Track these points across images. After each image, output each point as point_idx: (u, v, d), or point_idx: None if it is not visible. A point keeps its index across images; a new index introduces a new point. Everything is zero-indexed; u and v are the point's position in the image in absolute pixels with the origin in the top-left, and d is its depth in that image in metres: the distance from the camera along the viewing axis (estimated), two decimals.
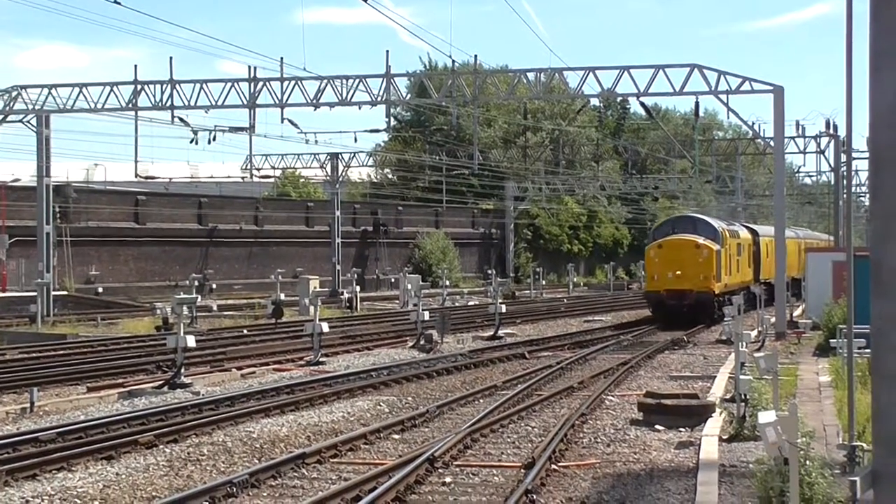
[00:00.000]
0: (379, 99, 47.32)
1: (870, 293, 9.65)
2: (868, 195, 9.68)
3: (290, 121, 51.11)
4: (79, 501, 15.48)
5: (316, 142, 66.50)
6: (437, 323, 39.95)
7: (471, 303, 65.68)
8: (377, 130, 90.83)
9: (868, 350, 10.02)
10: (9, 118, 50.27)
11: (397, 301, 64.00)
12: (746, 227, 59.72)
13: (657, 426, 20.99)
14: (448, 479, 16.88)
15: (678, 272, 46.50)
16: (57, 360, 33.47)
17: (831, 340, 31.39)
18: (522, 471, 17.05)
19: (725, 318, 37.87)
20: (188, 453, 18.88)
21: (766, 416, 9.59)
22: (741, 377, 19.80)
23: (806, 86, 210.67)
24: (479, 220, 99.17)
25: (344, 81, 46.81)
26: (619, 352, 36.41)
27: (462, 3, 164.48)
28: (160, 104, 47.80)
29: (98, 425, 21.36)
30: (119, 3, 35.45)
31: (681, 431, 20.44)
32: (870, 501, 9.95)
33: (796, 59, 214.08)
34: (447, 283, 64.62)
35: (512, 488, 15.75)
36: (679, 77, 44.36)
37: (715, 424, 20.21)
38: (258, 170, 77.20)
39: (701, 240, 47.80)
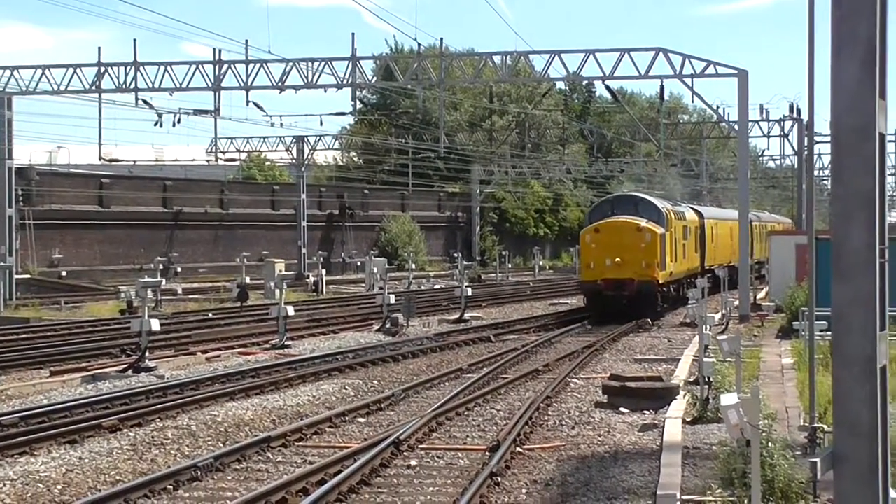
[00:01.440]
0: (345, 82, 47.21)
1: (831, 276, 9.72)
2: (830, 178, 9.66)
3: (255, 104, 50.89)
4: (42, 486, 15.41)
5: (281, 125, 66.45)
6: (403, 306, 39.95)
7: (437, 286, 65.69)
8: (343, 113, 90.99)
9: (829, 332, 10.09)
10: None
11: (363, 285, 63.95)
12: (693, 209, 54.54)
13: (621, 409, 21.07)
14: (413, 463, 16.91)
15: (617, 259, 41.18)
16: (19, 344, 33.28)
17: (794, 323, 31.61)
18: (487, 453, 17.09)
19: (690, 301, 37.63)
20: (152, 437, 18.83)
21: (728, 399, 9.63)
22: (705, 360, 19.89)
23: (770, 70, 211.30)
24: (445, 204, 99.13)
25: (309, 64, 46.70)
26: (585, 335, 36.51)
27: None
28: (124, 87, 47.53)
29: (61, 409, 21.27)
30: None
31: (645, 414, 20.53)
32: (830, 482, 10.03)
33: (761, 43, 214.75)
34: (413, 266, 64.61)
35: (477, 471, 15.79)
36: (644, 61, 44.49)
37: (678, 407, 20.30)
38: (223, 153, 76.92)
39: (643, 222, 42.50)
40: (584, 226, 45.39)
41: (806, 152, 51.52)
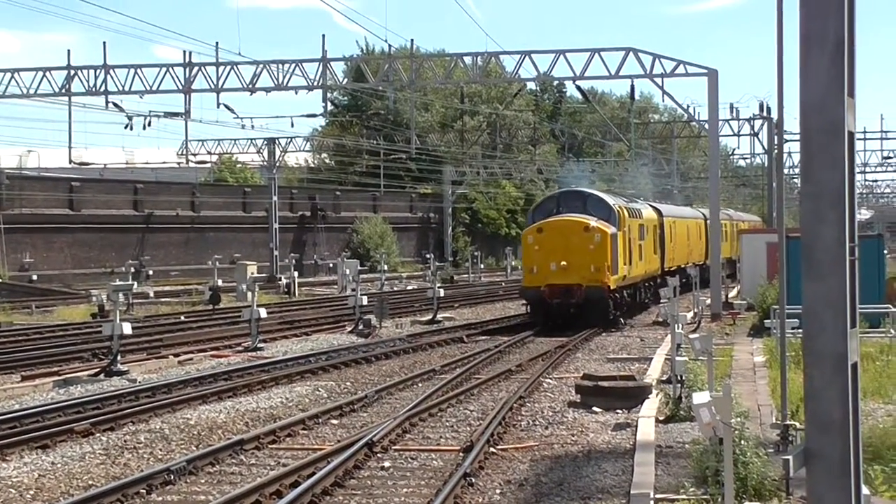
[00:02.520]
0: (315, 83, 47.19)
1: (801, 274, 9.77)
2: (800, 177, 9.71)
3: (226, 106, 50.79)
4: (14, 491, 15.35)
5: (252, 127, 66.22)
6: (376, 308, 39.96)
7: (409, 287, 65.68)
8: (314, 115, 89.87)
9: (801, 330, 10.13)
10: None
11: (335, 286, 63.91)
12: (651, 206, 50.87)
13: (595, 408, 21.12)
14: (387, 464, 16.91)
15: (563, 263, 37.29)
16: None
17: (766, 321, 31.73)
18: (461, 454, 17.11)
19: (662, 300, 36.50)
20: (125, 441, 18.79)
21: (700, 397, 9.67)
22: (677, 358, 19.96)
23: (740, 69, 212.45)
24: (417, 205, 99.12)
25: (280, 66, 46.66)
26: (557, 335, 36.54)
27: None
28: (94, 90, 47.37)
29: (32, 414, 21.20)
30: None
31: (618, 413, 20.58)
32: (802, 479, 10.08)
33: (730, 43, 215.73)
34: (385, 267, 64.51)
35: (450, 472, 15.81)
36: (614, 61, 44.59)
37: (651, 406, 20.37)
38: (194, 155, 76.79)
39: (592, 221, 38.42)
40: (527, 225, 41.17)
41: (776, 151, 51.74)
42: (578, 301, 37.15)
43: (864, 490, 10.00)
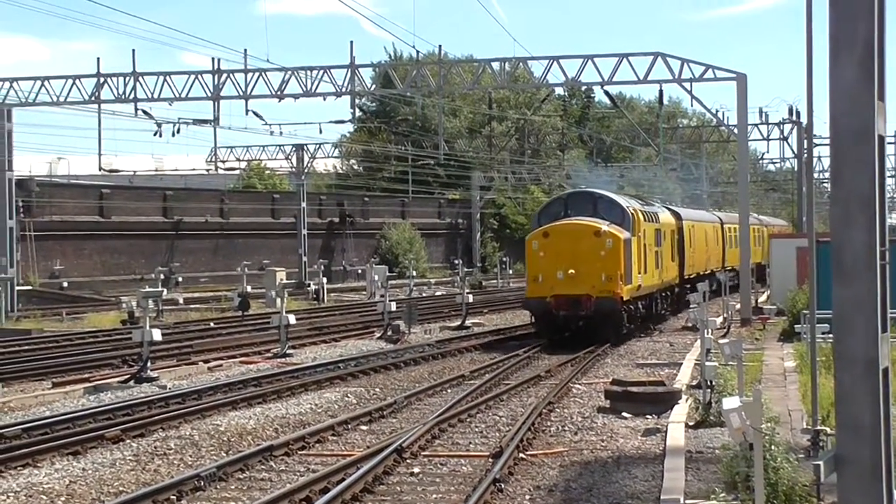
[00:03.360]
0: (343, 90, 47.27)
1: (832, 279, 9.73)
2: (830, 181, 9.67)
3: (254, 112, 50.98)
4: (45, 497, 15.41)
5: (281, 133, 66.17)
6: (405, 313, 39.98)
7: (438, 293, 65.70)
8: (342, 121, 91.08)
9: (831, 335, 10.09)
10: None
11: (364, 292, 63.97)
12: (668, 209, 47.09)
13: (624, 413, 21.07)
14: (416, 470, 16.91)
15: (571, 271, 33.63)
16: (21, 356, 33.28)
17: (796, 326, 31.59)
18: (490, 460, 17.10)
19: (691, 305, 36.68)
20: (155, 447, 18.82)
21: (730, 402, 9.64)
22: (707, 364, 19.91)
23: (769, 73, 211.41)
24: (445, 211, 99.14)
25: (308, 72, 46.74)
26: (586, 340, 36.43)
27: None
28: (123, 97, 47.61)
29: (64, 420, 21.27)
30: None
31: (648, 418, 20.53)
32: (833, 485, 10.04)
33: (759, 47, 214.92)
34: (414, 273, 64.55)
35: (480, 478, 15.79)
36: (643, 65, 44.52)
37: (681, 411, 20.30)
38: (223, 162, 76.89)
39: (604, 225, 34.64)
40: (532, 229, 36.94)
41: (805, 155, 51.59)
42: (588, 313, 33.55)
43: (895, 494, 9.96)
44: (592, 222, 34.90)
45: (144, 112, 49.51)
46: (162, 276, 55.72)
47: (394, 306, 40.20)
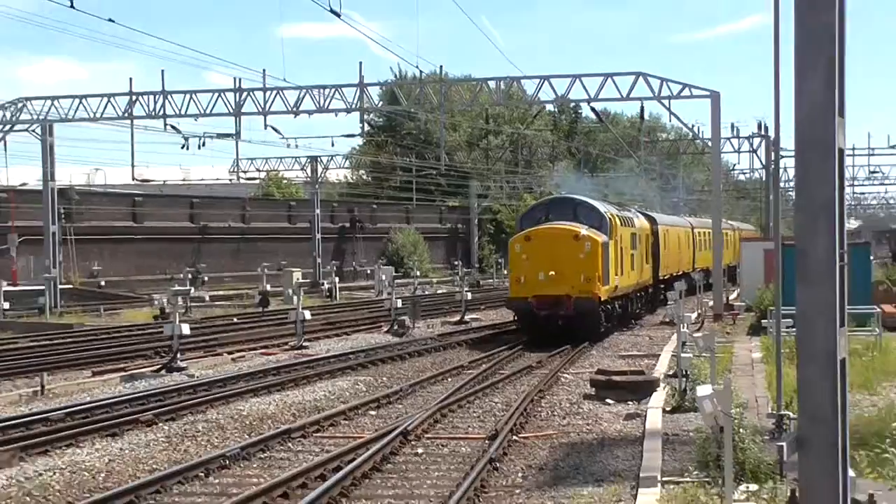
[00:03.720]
0: (353, 106, 47.27)
1: (795, 278, 9.79)
2: (794, 190, 9.70)
3: (272, 127, 50.87)
4: (87, 474, 15.48)
5: (297, 146, 66.67)
6: (409, 310, 40.03)
7: (439, 291, 65.64)
8: (352, 135, 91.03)
9: (795, 329, 10.15)
10: (16, 127, 49.97)
11: (373, 290, 63.92)
12: (644, 214, 45.57)
13: (608, 400, 21.14)
14: (420, 451, 16.98)
15: (552, 273, 32.53)
16: (64, 348, 33.34)
17: (763, 321, 31.61)
18: (487, 442, 17.16)
19: (669, 302, 34.85)
20: (185, 430, 18.89)
21: (703, 390, 9.71)
22: (682, 355, 19.98)
23: (740, 91, 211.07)
24: (446, 217, 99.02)
25: (321, 91, 46.75)
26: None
27: (427, 18, 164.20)
28: (154, 113, 47.61)
29: (103, 406, 21.36)
30: (113, 21, 35.50)
31: (629, 404, 20.59)
32: (795, 464, 10.10)
33: (732, 67, 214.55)
34: (418, 273, 64.45)
35: (477, 457, 15.86)
36: (626, 84, 44.49)
37: (659, 398, 20.36)
38: (244, 172, 76.98)
39: (583, 229, 33.56)
40: (515, 232, 35.85)
41: (773, 166, 51.57)
42: (568, 313, 32.26)
43: (850, 473, 10.01)
44: (572, 226, 33.81)
45: (173, 127, 49.52)
46: (189, 276, 55.85)
47: (399, 303, 40.21)
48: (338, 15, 27.31)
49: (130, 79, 48.43)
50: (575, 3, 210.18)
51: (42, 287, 51.31)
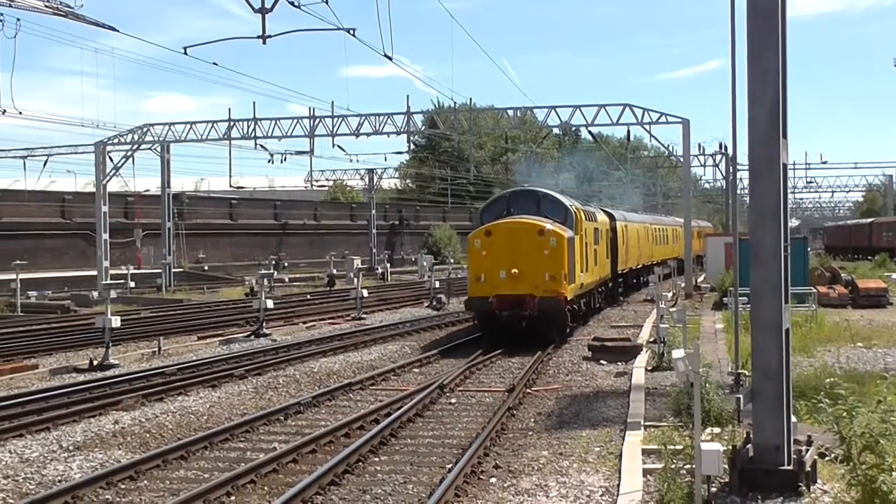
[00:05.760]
0: (402, 130, 47.24)
1: (750, 265, 9.73)
2: (748, 196, 9.62)
3: (339, 146, 51.59)
4: (193, 416, 15.59)
5: (357, 160, 67.13)
6: (445, 289, 39.97)
7: None
8: (401, 152, 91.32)
9: (749, 305, 10.09)
10: (141, 147, 50.36)
11: (416, 274, 63.97)
12: (603, 211, 36.65)
13: (602, 361, 21.05)
14: (453, 400, 16.98)
15: (514, 271, 24.26)
16: (176, 317, 33.59)
17: (724, 299, 31.41)
18: (506, 394, 17.13)
19: (650, 284, 33.61)
20: (269, 383, 18.99)
21: (677, 353, 9.64)
22: (661, 325, 19.86)
23: (706, 117, 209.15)
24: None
25: (377, 117, 46.75)
26: None
27: (460, 62, 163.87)
28: (247, 135, 47.75)
29: (205, 363, 21.51)
30: (216, 64, 35.55)
31: (618, 365, 20.50)
32: (749, 412, 10.05)
33: (699, 99, 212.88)
34: (452, 260, 64.36)
35: (498, 406, 15.84)
36: (615, 112, 44.26)
37: (642, 359, 20.27)
38: (316, 181, 77.18)
39: (548, 224, 25.01)
40: (475, 227, 26.65)
41: (731, 177, 51.16)
42: (531, 314, 24.10)
43: (793, 419, 9.96)
44: (536, 221, 25.17)
45: (262, 146, 49.69)
46: (273, 262, 56.07)
47: (437, 284, 40.19)
48: (390, 59, 27.19)
49: (229, 109, 49.00)
50: (576, 49, 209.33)
51: (159, 270, 51.74)
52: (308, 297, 43.92)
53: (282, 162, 55.31)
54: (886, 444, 8.47)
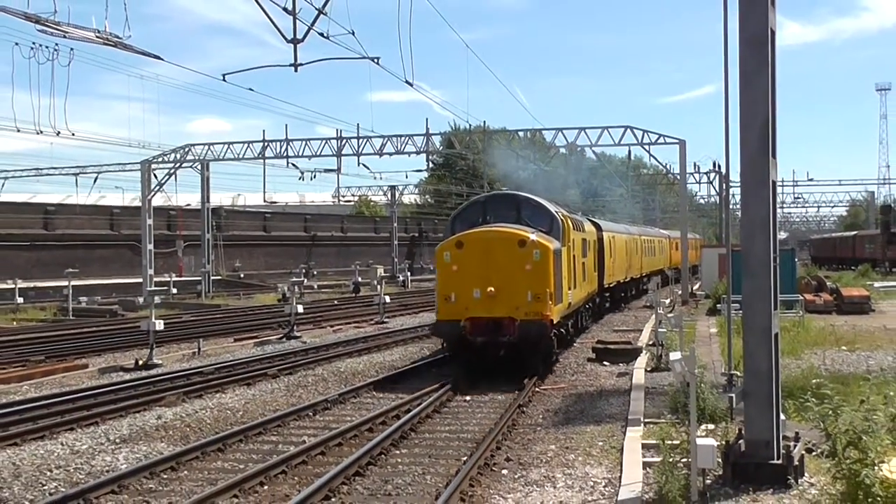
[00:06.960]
0: (421, 150, 47.43)
1: (742, 275, 9.69)
2: (740, 210, 9.61)
3: (364, 164, 51.36)
4: (229, 412, 15.61)
5: (381, 178, 66.80)
6: None
7: None
8: (420, 170, 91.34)
9: (741, 311, 10.03)
10: (183, 165, 50.63)
11: (434, 282, 63.84)
12: (589, 220, 30.56)
13: (605, 362, 20.96)
14: (467, 398, 16.91)
15: (490, 289, 18.28)
16: (214, 321, 33.70)
17: (718, 305, 31.25)
18: (516, 392, 17.06)
19: (650, 292, 31.63)
20: (299, 381, 18.99)
21: (674, 355, 9.60)
22: (659, 329, 19.76)
23: (701, 138, 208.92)
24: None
25: (399, 138, 46.92)
26: None
27: (475, 87, 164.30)
28: (279, 154, 47.97)
29: (241, 363, 21.54)
30: (252, 90, 35.67)
31: (620, 366, 20.39)
32: (740, 410, 9.98)
33: (695, 121, 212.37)
34: None
35: (510, 403, 15.78)
36: (617, 133, 44.33)
37: (642, 361, 20.16)
38: (343, 197, 77.41)
39: (530, 234, 18.81)
40: (445, 237, 20.32)
41: (724, 194, 51.01)
42: (511, 340, 18.28)
43: (782, 417, 9.89)
44: (516, 230, 19.07)
45: (293, 164, 49.81)
46: (303, 271, 56.18)
47: None
48: (411, 85, 27.20)
49: (263, 130, 49.21)
50: (582, 74, 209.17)
51: (199, 278, 51.89)
52: (335, 302, 43.96)
53: (311, 179, 55.48)
54: (869, 441, 8.40)
